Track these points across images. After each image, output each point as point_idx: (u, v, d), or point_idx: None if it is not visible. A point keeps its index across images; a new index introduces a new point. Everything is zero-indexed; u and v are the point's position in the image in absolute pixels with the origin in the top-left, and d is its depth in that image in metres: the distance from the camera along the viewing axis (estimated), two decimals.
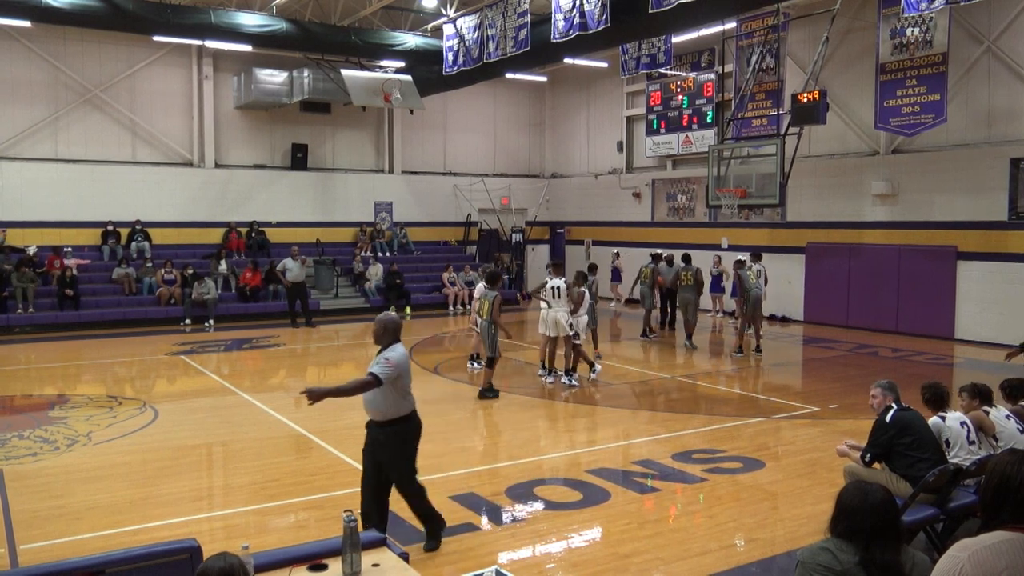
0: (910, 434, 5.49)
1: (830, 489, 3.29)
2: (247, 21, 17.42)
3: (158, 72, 20.99)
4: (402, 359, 5.56)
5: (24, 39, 19.14)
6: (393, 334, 5.67)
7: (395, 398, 5.56)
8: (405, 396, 5.64)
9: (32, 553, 5.81)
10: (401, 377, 5.54)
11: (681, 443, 8.80)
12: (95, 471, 7.81)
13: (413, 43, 19.10)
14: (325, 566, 3.65)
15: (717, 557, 5.79)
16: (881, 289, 17.28)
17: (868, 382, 6.20)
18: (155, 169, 20.97)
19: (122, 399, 11.16)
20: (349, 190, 23.50)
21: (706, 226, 21.28)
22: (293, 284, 18.44)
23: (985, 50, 15.59)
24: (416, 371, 13.23)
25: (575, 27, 14.29)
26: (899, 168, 17.12)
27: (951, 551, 2.45)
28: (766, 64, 17.41)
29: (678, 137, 21.71)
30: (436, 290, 22.00)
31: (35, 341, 16.42)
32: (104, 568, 3.41)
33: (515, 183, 26.09)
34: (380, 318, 5.79)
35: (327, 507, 6.76)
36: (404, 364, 5.56)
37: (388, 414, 5.58)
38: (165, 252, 20.13)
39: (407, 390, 5.65)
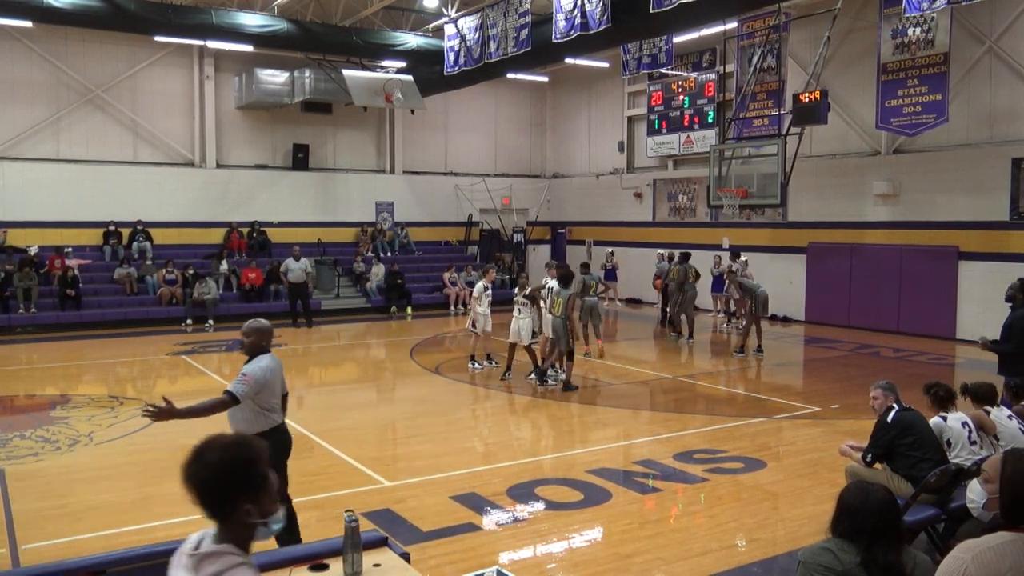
0: (911, 434, 5.49)
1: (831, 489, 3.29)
2: (248, 21, 17.43)
3: (159, 72, 21.00)
4: (263, 373, 5.16)
5: (26, 39, 19.15)
6: (257, 345, 5.30)
7: (256, 414, 5.19)
8: (267, 412, 5.24)
9: (34, 553, 5.81)
10: (261, 393, 5.16)
11: (682, 443, 8.80)
12: (96, 471, 7.82)
13: (414, 43, 19.11)
14: (326, 566, 3.65)
15: (718, 557, 5.79)
16: (882, 289, 17.27)
17: (869, 382, 6.20)
18: (156, 169, 20.98)
19: (123, 399, 11.16)
20: (350, 190, 23.50)
21: (707, 226, 21.26)
22: (294, 284, 18.43)
23: (987, 50, 15.57)
24: (417, 371, 13.35)
25: (576, 27, 14.29)
26: (900, 168, 17.10)
27: (955, 552, 2.45)
28: (767, 64, 17.39)
29: (679, 137, 21.70)
30: (437, 290, 22.00)
31: (37, 341, 16.43)
32: (105, 568, 3.41)
33: (516, 183, 26.09)
34: (247, 325, 5.37)
35: (328, 507, 6.76)
36: (265, 378, 5.16)
37: (251, 430, 5.05)
38: (166, 252, 20.14)
39: (270, 405, 5.25)
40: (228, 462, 2.23)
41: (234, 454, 2.26)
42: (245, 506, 2.21)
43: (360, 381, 13.66)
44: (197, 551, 2.21)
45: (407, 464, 8.32)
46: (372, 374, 14.36)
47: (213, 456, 2.25)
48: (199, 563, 2.16)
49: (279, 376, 5.35)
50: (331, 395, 12.13)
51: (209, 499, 2.23)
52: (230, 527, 2.22)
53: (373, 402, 11.95)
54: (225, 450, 2.26)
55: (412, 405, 11.19)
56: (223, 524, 2.23)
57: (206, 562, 2.16)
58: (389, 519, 6.41)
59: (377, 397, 12.40)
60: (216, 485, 2.22)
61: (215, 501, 2.23)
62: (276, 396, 5.32)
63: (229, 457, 2.25)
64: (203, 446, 2.30)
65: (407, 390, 12.46)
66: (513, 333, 12.22)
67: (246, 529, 2.23)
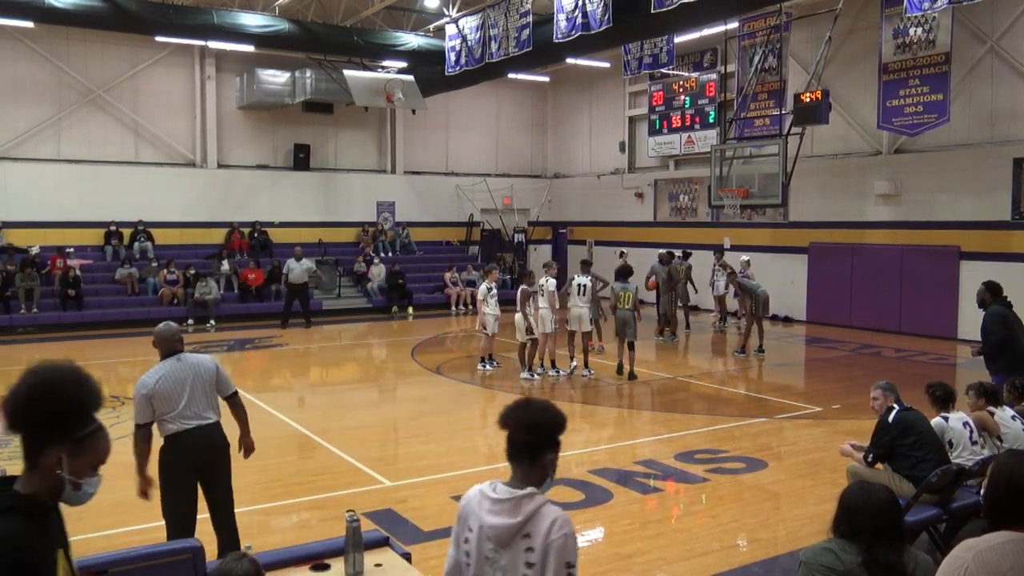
0: (912, 434, 5.49)
1: (833, 489, 3.29)
2: (249, 21, 17.43)
3: (161, 72, 21.01)
4: (143, 388, 4.93)
5: (27, 39, 19.16)
6: (161, 349, 5.08)
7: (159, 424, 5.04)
8: (164, 421, 5.01)
9: None
10: (146, 408, 4.97)
11: (683, 443, 8.80)
12: None
13: (415, 43, 19.11)
14: (328, 566, 3.65)
15: (719, 557, 5.79)
16: (884, 289, 17.26)
17: (871, 382, 6.19)
18: (158, 169, 20.99)
19: (125, 399, 11.16)
20: (351, 190, 23.51)
21: (708, 226, 21.26)
22: (294, 285, 18.41)
23: (988, 50, 15.56)
24: (418, 371, 13.35)
25: (577, 27, 14.28)
26: (902, 168, 17.09)
27: (955, 551, 2.44)
28: (768, 64, 17.38)
29: (680, 137, 21.70)
30: (438, 290, 22.01)
31: (38, 341, 16.44)
32: (107, 568, 3.42)
33: (517, 183, 26.09)
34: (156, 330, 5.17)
35: (330, 507, 6.76)
36: (146, 393, 4.93)
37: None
38: (168, 252, 20.15)
39: (163, 414, 4.98)
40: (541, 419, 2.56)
41: (537, 414, 2.56)
42: (549, 456, 2.56)
43: (361, 381, 13.66)
44: (510, 497, 2.50)
45: (409, 464, 8.33)
46: (373, 374, 14.36)
47: (534, 407, 2.58)
48: (516, 505, 2.48)
49: (177, 381, 4.98)
50: (332, 395, 12.14)
51: (527, 450, 2.53)
52: (535, 472, 2.55)
53: (374, 402, 11.95)
54: (531, 409, 2.59)
55: (413, 405, 11.20)
56: (530, 469, 2.54)
57: (524, 502, 2.48)
58: (390, 519, 6.41)
59: (378, 397, 12.40)
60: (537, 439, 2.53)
61: (533, 452, 2.53)
62: (170, 404, 4.96)
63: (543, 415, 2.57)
64: (522, 405, 2.60)
65: (408, 390, 12.47)
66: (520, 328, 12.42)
67: (548, 469, 2.56)
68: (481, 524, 2.54)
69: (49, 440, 1.90)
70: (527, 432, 2.53)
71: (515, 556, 2.48)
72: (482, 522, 2.54)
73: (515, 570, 2.48)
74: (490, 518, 2.52)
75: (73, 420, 1.92)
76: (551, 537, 2.44)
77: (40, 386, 1.91)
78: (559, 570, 2.43)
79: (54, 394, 1.91)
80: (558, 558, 2.43)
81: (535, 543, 2.45)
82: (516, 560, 2.48)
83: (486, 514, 2.53)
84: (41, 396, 1.90)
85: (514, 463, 2.56)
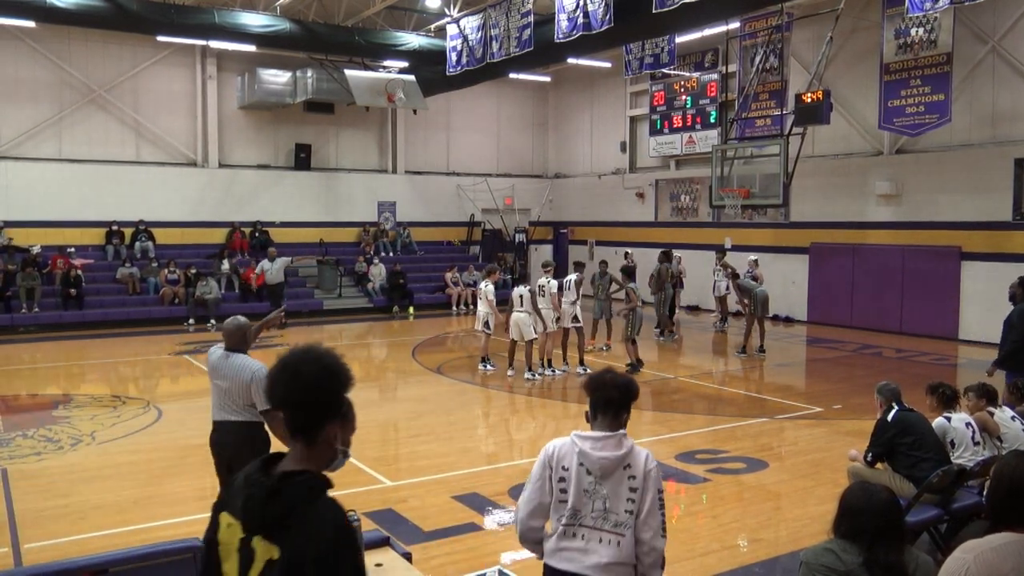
0: (912, 434, 5.49)
1: (834, 490, 3.30)
2: (251, 21, 17.44)
3: (162, 72, 21.02)
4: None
5: (29, 39, 19.18)
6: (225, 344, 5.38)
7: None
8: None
9: (36, 552, 5.82)
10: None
11: (684, 443, 8.79)
12: (99, 470, 7.83)
13: (416, 43, 19.11)
14: None
15: (720, 557, 5.79)
16: (885, 289, 17.25)
17: (872, 382, 6.19)
18: (159, 169, 21.00)
19: (126, 398, 11.18)
20: (352, 190, 23.51)
21: (709, 226, 21.25)
22: (270, 285, 18.05)
23: (990, 50, 15.55)
24: (419, 371, 13.35)
25: (578, 27, 14.28)
26: (903, 168, 17.08)
27: (957, 552, 2.44)
28: (770, 64, 17.38)
29: (681, 137, 21.69)
30: (439, 290, 22.01)
31: (39, 341, 16.44)
32: (108, 567, 3.42)
33: (518, 183, 26.09)
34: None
35: None
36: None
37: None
38: (169, 252, 20.15)
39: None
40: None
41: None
42: (625, 415, 3.12)
43: (362, 381, 13.58)
44: (612, 434, 3.04)
45: (409, 464, 8.33)
46: (374, 374, 14.36)
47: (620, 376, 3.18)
48: (619, 441, 3.04)
49: (219, 375, 5.28)
50: None
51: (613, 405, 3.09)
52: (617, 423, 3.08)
53: (375, 402, 11.94)
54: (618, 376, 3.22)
55: (414, 405, 11.20)
56: (614, 420, 3.07)
57: (623, 439, 3.05)
58: (391, 519, 6.41)
59: (379, 397, 12.39)
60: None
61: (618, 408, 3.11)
62: (214, 394, 5.32)
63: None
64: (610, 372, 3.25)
65: (409, 390, 12.47)
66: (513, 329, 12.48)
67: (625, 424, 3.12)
68: (582, 461, 3.00)
69: (330, 416, 2.07)
70: (618, 391, 3.07)
71: (617, 484, 2.97)
72: (584, 459, 3.00)
73: (618, 495, 2.96)
74: (595, 453, 2.98)
75: (343, 396, 2.11)
76: (648, 467, 3.01)
77: (326, 367, 2.08)
78: (654, 494, 2.97)
79: (336, 375, 2.09)
80: (655, 484, 2.99)
81: (636, 472, 2.98)
82: (619, 487, 2.96)
83: (590, 450, 3.00)
84: (329, 376, 2.08)
85: (602, 415, 3.08)
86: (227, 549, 2.02)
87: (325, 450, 2.07)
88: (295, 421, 2.05)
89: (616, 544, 2.93)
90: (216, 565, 2.04)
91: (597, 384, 3.10)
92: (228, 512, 2.05)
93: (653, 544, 2.94)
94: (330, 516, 1.97)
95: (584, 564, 2.94)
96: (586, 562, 2.94)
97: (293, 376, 2.05)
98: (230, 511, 2.04)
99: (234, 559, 2.00)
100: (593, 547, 2.94)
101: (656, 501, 2.97)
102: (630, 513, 2.94)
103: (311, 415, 2.05)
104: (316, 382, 2.05)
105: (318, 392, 2.05)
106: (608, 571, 2.92)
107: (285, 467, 2.03)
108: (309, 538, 1.91)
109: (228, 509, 2.06)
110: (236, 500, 2.01)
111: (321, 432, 2.05)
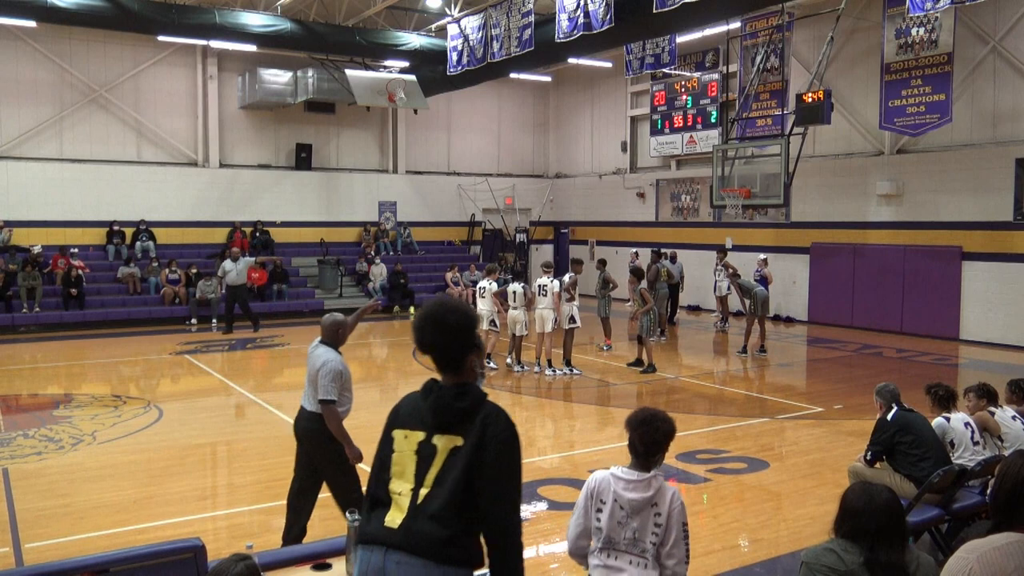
0: (911, 433, 5.49)
1: (834, 490, 3.29)
2: (252, 21, 17.44)
3: (163, 72, 21.02)
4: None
5: (30, 39, 19.19)
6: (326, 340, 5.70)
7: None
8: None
9: (37, 552, 5.82)
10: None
11: (685, 443, 8.78)
12: (100, 470, 7.83)
13: (417, 43, 19.11)
14: (329, 565, 3.65)
15: (721, 557, 5.78)
16: (886, 289, 17.24)
17: (873, 383, 6.19)
18: (160, 169, 21.01)
19: (127, 398, 11.18)
20: (353, 190, 23.51)
21: (710, 226, 21.25)
22: (232, 287, 17.15)
23: (991, 50, 15.54)
24: (420, 371, 13.34)
25: (579, 27, 14.28)
26: (904, 168, 17.07)
27: (959, 552, 2.44)
28: (771, 64, 17.37)
29: (682, 137, 21.68)
30: (440, 290, 21.99)
31: (40, 340, 16.45)
32: (108, 567, 3.42)
33: (519, 183, 26.09)
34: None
35: (331, 507, 6.74)
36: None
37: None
38: (170, 252, 20.16)
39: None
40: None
41: None
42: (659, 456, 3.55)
43: (363, 381, 13.64)
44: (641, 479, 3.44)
45: None
46: (375, 374, 14.35)
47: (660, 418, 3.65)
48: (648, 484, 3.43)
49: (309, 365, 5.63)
50: None
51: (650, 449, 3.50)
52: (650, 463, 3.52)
53: (376, 402, 11.93)
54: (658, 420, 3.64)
55: None
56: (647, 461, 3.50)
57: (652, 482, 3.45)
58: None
59: (380, 397, 12.39)
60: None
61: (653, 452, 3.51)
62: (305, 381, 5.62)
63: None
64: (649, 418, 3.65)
65: (410, 390, 12.39)
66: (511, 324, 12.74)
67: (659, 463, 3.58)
68: (616, 498, 3.44)
69: (471, 348, 2.62)
70: (650, 437, 3.51)
71: (645, 519, 3.41)
72: (617, 496, 3.44)
73: (645, 528, 3.41)
74: (627, 494, 3.43)
75: (475, 332, 2.66)
76: (672, 506, 3.42)
77: (462, 313, 2.63)
78: (679, 529, 3.42)
79: (469, 316, 2.66)
80: (678, 520, 3.42)
81: (662, 510, 3.41)
82: (646, 522, 3.41)
83: (622, 491, 3.44)
84: (465, 318, 2.62)
85: (635, 456, 3.52)
86: (402, 456, 2.58)
87: (469, 375, 2.62)
88: (445, 358, 2.60)
89: (644, 566, 3.42)
90: (387, 470, 2.60)
91: (633, 425, 3.58)
92: (399, 428, 2.65)
93: (675, 570, 3.43)
94: (502, 411, 2.54)
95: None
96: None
97: (439, 324, 2.57)
98: (401, 427, 2.65)
99: (411, 462, 2.55)
100: (624, 566, 3.43)
101: (680, 534, 3.43)
102: (654, 544, 3.42)
103: (457, 351, 2.58)
104: (458, 325, 2.57)
105: (459, 332, 2.58)
106: None
107: (450, 381, 2.60)
108: (489, 424, 2.48)
109: (398, 426, 2.67)
110: (410, 414, 2.64)
111: (465, 362, 2.60)
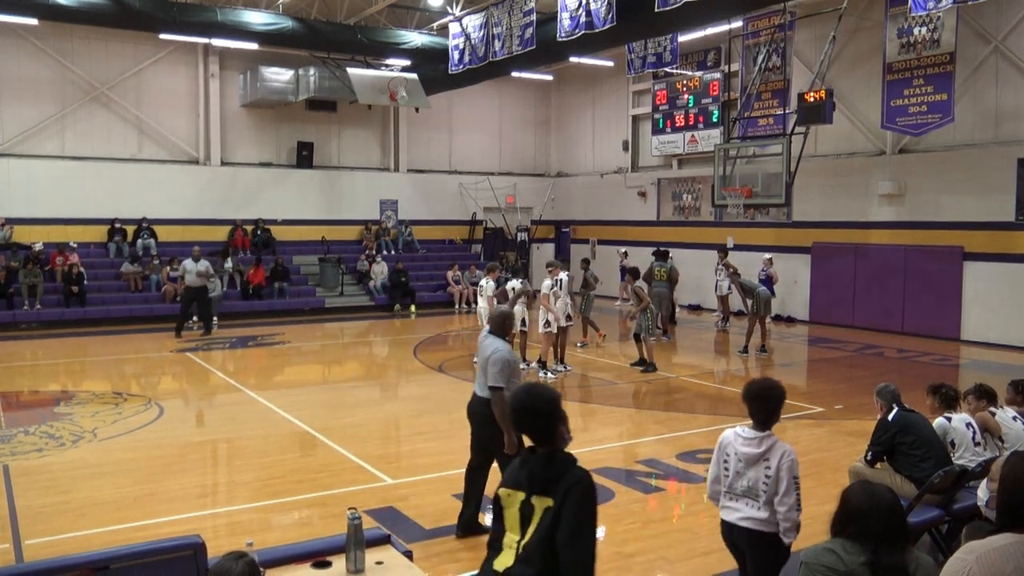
0: (912, 434, 5.49)
1: (835, 490, 3.30)
2: (253, 19, 17.45)
3: (164, 70, 21.03)
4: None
5: (31, 37, 19.19)
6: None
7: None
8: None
9: (37, 548, 5.83)
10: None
11: (685, 443, 8.79)
12: (100, 467, 7.84)
13: (419, 41, 19.11)
14: (329, 563, 3.65)
15: (721, 557, 5.75)
16: (887, 289, 17.23)
17: (873, 383, 6.18)
18: (161, 166, 21.02)
19: (128, 396, 11.19)
20: (355, 188, 23.51)
21: (712, 225, 21.23)
22: (190, 288, 16.49)
23: (993, 49, 15.52)
24: (420, 369, 13.36)
25: (581, 26, 14.27)
26: (906, 168, 17.05)
27: (959, 553, 2.44)
28: (772, 63, 17.35)
29: (684, 136, 21.67)
30: (441, 288, 22.01)
31: (41, 337, 16.47)
32: (108, 564, 3.42)
33: (520, 182, 26.09)
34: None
35: (331, 504, 6.77)
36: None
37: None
38: (171, 249, 20.14)
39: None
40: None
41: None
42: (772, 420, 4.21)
43: (364, 379, 13.67)
44: (755, 436, 4.16)
45: (410, 462, 8.33)
46: (376, 372, 14.37)
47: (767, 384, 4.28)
48: (760, 442, 4.13)
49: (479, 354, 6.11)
50: (335, 392, 12.14)
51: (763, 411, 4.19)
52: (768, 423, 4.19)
53: (377, 400, 11.95)
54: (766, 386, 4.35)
55: (415, 403, 11.20)
56: (766, 421, 4.18)
57: (764, 440, 4.12)
58: (392, 517, 6.41)
59: (381, 395, 12.41)
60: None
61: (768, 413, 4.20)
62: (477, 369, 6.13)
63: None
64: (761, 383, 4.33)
65: (410, 388, 12.47)
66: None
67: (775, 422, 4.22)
68: (736, 451, 4.20)
69: (558, 422, 3.05)
70: (757, 405, 4.22)
71: (758, 470, 4.11)
72: (736, 451, 4.20)
73: (758, 478, 4.10)
74: (743, 448, 4.17)
75: (559, 407, 3.09)
76: (782, 461, 4.06)
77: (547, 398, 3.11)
78: (789, 480, 4.04)
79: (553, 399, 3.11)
80: (788, 474, 4.05)
81: (771, 464, 4.08)
82: (758, 473, 4.11)
83: (740, 446, 4.18)
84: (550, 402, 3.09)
85: (752, 419, 4.21)
86: (510, 512, 3.00)
87: (559, 441, 3.05)
88: (540, 435, 3.04)
89: (756, 508, 4.12)
90: (502, 523, 3.02)
91: (747, 396, 4.27)
92: (504, 487, 3.05)
93: (788, 516, 4.06)
94: (585, 475, 2.93)
95: (736, 517, 4.18)
96: (737, 516, 4.18)
97: (533, 411, 3.06)
98: (505, 486, 3.05)
99: (516, 516, 2.97)
100: (742, 508, 4.17)
101: (791, 485, 4.04)
102: (766, 492, 4.08)
103: (547, 427, 3.04)
104: (547, 410, 3.05)
105: (550, 415, 3.04)
106: (751, 523, 4.14)
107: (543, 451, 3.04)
108: (572, 487, 2.88)
109: (504, 486, 3.06)
110: (512, 477, 3.05)
111: (556, 434, 3.04)
